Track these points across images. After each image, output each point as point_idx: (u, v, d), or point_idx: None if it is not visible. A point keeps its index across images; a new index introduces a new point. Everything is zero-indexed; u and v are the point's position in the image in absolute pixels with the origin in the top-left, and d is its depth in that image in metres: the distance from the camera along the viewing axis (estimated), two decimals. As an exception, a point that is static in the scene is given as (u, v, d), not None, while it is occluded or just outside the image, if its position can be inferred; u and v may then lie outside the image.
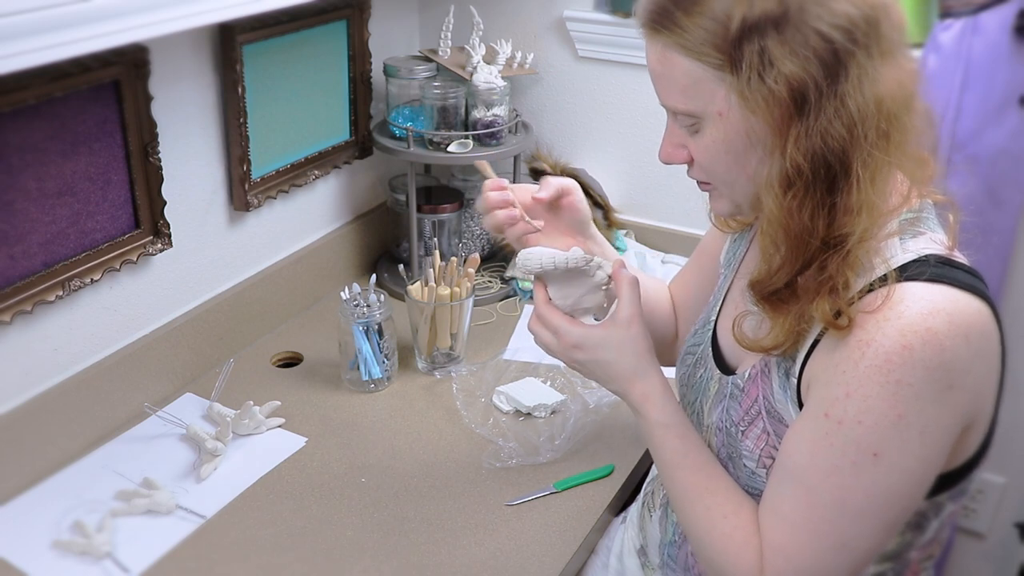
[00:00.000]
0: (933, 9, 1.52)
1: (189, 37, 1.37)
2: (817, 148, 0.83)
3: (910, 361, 0.80)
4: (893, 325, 0.81)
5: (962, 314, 0.82)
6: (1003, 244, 1.56)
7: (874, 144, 0.83)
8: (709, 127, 0.88)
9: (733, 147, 0.88)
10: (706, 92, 0.86)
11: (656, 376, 1.01)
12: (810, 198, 0.84)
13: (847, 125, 0.82)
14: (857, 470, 0.83)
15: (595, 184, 1.84)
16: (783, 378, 0.93)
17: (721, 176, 0.93)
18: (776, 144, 0.85)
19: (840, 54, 0.81)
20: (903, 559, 0.96)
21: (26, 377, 1.26)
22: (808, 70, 0.81)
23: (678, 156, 0.94)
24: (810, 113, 0.82)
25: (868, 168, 0.83)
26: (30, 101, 1.14)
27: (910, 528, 0.93)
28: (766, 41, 0.81)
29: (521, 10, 1.85)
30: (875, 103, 0.82)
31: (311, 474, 1.30)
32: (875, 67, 0.82)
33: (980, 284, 0.86)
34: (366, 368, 1.46)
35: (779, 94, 0.82)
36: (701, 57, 0.84)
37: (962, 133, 1.48)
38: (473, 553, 1.17)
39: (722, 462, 1.01)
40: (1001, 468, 1.75)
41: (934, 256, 0.85)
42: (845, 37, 0.81)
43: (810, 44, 0.81)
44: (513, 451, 1.33)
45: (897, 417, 0.81)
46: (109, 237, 1.31)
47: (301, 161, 1.63)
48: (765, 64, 0.81)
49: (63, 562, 1.13)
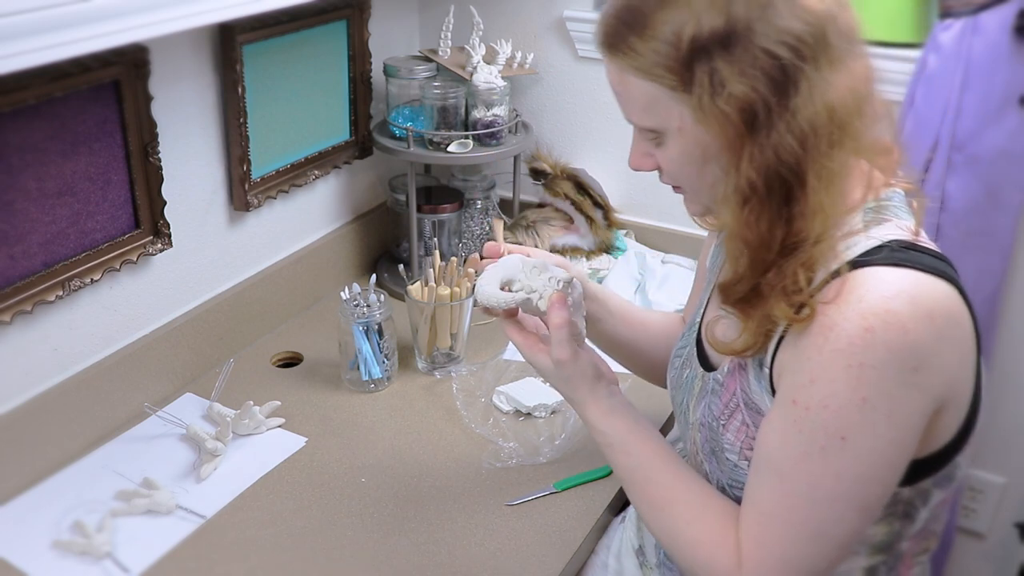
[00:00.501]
0: (933, 9, 1.52)
1: (189, 37, 1.37)
2: (771, 164, 0.85)
3: (872, 343, 0.80)
4: (854, 309, 0.82)
5: (925, 296, 0.82)
6: (1003, 244, 1.56)
7: (826, 153, 0.84)
8: (671, 140, 0.92)
9: (694, 159, 0.91)
10: (664, 110, 0.89)
11: (592, 403, 1.04)
12: (767, 211, 0.86)
13: (799, 139, 0.84)
14: (826, 455, 0.84)
15: (595, 184, 1.84)
16: (757, 369, 0.94)
17: (686, 182, 0.96)
18: (731, 161, 0.87)
19: (789, 70, 0.83)
20: (895, 551, 0.96)
21: (26, 377, 1.26)
22: (757, 89, 0.83)
23: (646, 164, 0.97)
24: (761, 131, 0.84)
25: (823, 176, 0.85)
26: (30, 101, 1.14)
27: (898, 517, 0.93)
28: (715, 62, 0.83)
29: (521, 10, 1.85)
30: (827, 113, 0.84)
31: (311, 474, 1.30)
32: (825, 77, 0.84)
33: (946, 267, 0.87)
34: (366, 368, 1.46)
35: (730, 115, 0.84)
36: (656, 79, 0.87)
37: (962, 133, 1.48)
38: (473, 553, 1.17)
39: (706, 457, 1.02)
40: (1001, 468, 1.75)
41: (897, 241, 0.87)
42: (792, 54, 0.82)
43: (758, 63, 0.82)
44: (513, 451, 1.33)
45: (861, 400, 0.82)
46: (109, 237, 1.31)
47: (301, 161, 1.63)
48: (715, 85, 0.84)
49: (63, 562, 1.13)
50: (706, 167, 0.90)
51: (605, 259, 1.81)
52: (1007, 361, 1.68)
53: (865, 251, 0.86)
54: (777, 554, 0.88)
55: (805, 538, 0.87)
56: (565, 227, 1.81)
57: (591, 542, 1.24)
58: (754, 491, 0.91)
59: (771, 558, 0.89)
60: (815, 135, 0.84)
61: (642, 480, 1.01)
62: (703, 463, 1.03)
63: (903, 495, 0.91)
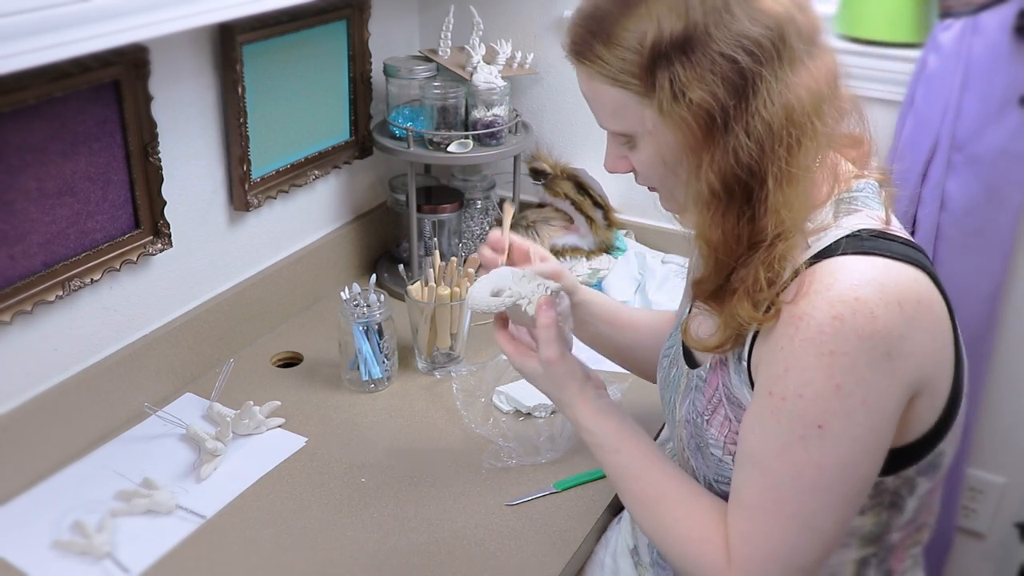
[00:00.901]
0: (933, 9, 1.52)
1: (189, 37, 1.37)
2: (730, 167, 0.86)
3: (842, 331, 0.81)
4: (823, 297, 0.83)
5: (894, 282, 0.83)
6: (1003, 244, 1.56)
7: (784, 155, 0.86)
8: (642, 143, 0.94)
9: (664, 161, 0.93)
10: (632, 115, 0.91)
11: (580, 405, 1.06)
12: (729, 213, 0.88)
13: (757, 141, 0.85)
14: (806, 444, 0.85)
15: (595, 184, 1.83)
16: (736, 363, 0.95)
17: (659, 184, 0.98)
18: (694, 163, 0.89)
19: (747, 74, 0.84)
20: (885, 542, 0.96)
21: (26, 377, 1.26)
22: (716, 95, 0.84)
23: (621, 166, 0.99)
24: (720, 135, 0.86)
25: (781, 177, 0.86)
26: (30, 101, 1.14)
27: (885, 508, 0.93)
28: (674, 67, 0.85)
29: (521, 10, 1.85)
30: (784, 114, 0.85)
31: (311, 474, 1.30)
32: (783, 79, 0.85)
33: (917, 254, 0.88)
34: (366, 368, 1.46)
35: (689, 120, 0.86)
36: (623, 85, 0.89)
37: (962, 133, 1.48)
38: (473, 553, 1.17)
39: (692, 453, 1.03)
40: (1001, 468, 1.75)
41: (867, 230, 0.88)
42: (750, 58, 0.84)
43: (717, 68, 0.84)
44: (513, 451, 1.33)
45: (835, 388, 0.82)
46: (109, 237, 1.31)
47: (301, 161, 1.63)
48: (676, 91, 0.86)
49: (63, 562, 1.13)
50: (676, 168, 0.92)
51: (605, 259, 1.81)
52: (1007, 361, 1.68)
53: (833, 241, 0.87)
54: (765, 548, 0.89)
55: (791, 530, 0.88)
56: (565, 227, 1.81)
57: (591, 542, 1.24)
58: (739, 486, 0.92)
59: (759, 552, 0.89)
60: (772, 137, 0.85)
61: (631, 478, 1.02)
62: (689, 459, 1.04)
63: (888, 484, 0.92)
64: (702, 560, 0.93)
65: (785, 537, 0.88)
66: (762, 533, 0.89)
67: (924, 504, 0.96)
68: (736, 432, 0.95)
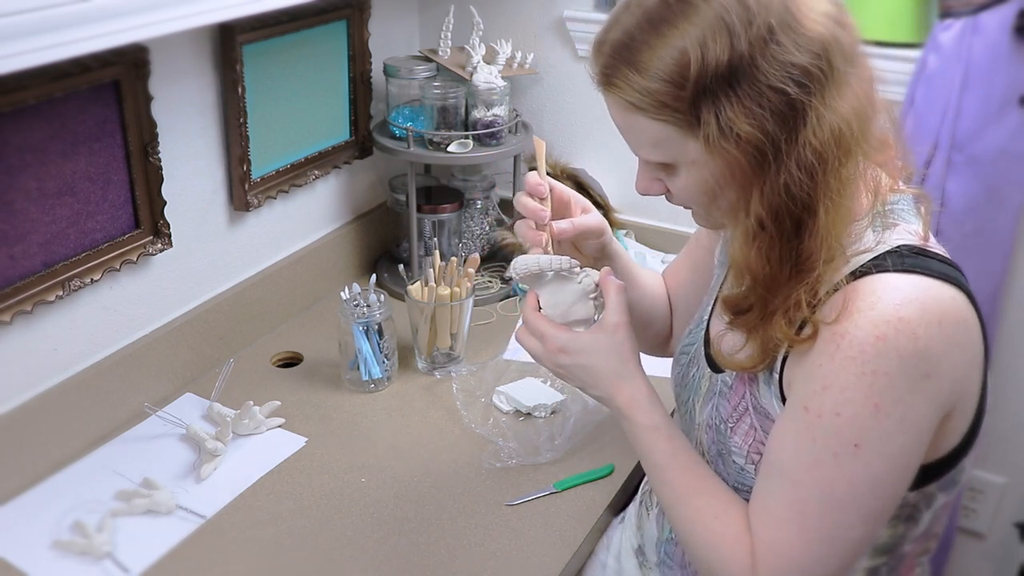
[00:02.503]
0: (933, 9, 1.52)
1: (189, 37, 1.37)
2: (781, 200, 0.84)
3: (884, 351, 0.80)
4: (866, 316, 0.82)
5: (935, 302, 0.82)
6: (1003, 244, 1.56)
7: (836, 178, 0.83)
8: (683, 172, 0.90)
9: (707, 189, 0.89)
10: (675, 147, 0.87)
11: (642, 380, 1.00)
12: (776, 245, 0.86)
13: (808, 171, 0.82)
14: (839, 461, 0.84)
15: (595, 184, 1.84)
16: (767, 375, 0.94)
17: (698, 208, 0.95)
18: (741, 197, 0.86)
19: (796, 104, 0.81)
20: (897, 553, 0.96)
21: (26, 377, 1.26)
22: (764, 128, 0.81)
23: (655, 188, 0.95)
24: (770, 169, 0.83)
25: (832, 203, 0.84)
26: (30, 101, 1.14)
27: (902, 521, 0.93)
28: (720, 102, 0.81)
29: (521, 10, 1.85)
30: (834, 140, 0.82)
31: (311, 474, 1.30)
32: (832, 103, 0.82)
33: (955, 272, 0.87)
34: (366, 368, 1.46)
35: (738, 156, 0.83)
36: (663, 118, 0.85)
37: (962, 133, 1.48)
38: (473, 553, 1.17)
39: (712, 459, 1.01)
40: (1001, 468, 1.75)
41: (906, 247, 0.86)
42: (800, 89, 0.81)
43: (765, 100, 0.81)
44: (513, 451, 1.33)
45: (874, 407, 0.82)
46: (109, 237, 1.31)
47: (301, 161, 1.63)
48: (723, 126, 0.82)
49: (63, 562, 1.13)
50: (719, 196, 0.89)
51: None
52: (1007, 361, 1.68)
53: (874, 257, 0.86)
54: (790, 558, 0.88)
55: (817, 543, 0.87)
56: (565, 227, 1.81)
57: (591, 542, 1.24)
58: (765, 497, 0.91)
59: (784, 562, 0.89)
60: (823, 164, 0.82)
61: (679, 467, 0.98)
62: (709, 465, 1.03)
63: (909, 499, 0.91)
64: (731, 561, 0.92)
65: (810, 549, 0.87)
66: (788, 544, 0.88)
67: (937, 516, 0.96)
68: (761, 442, 0.94)
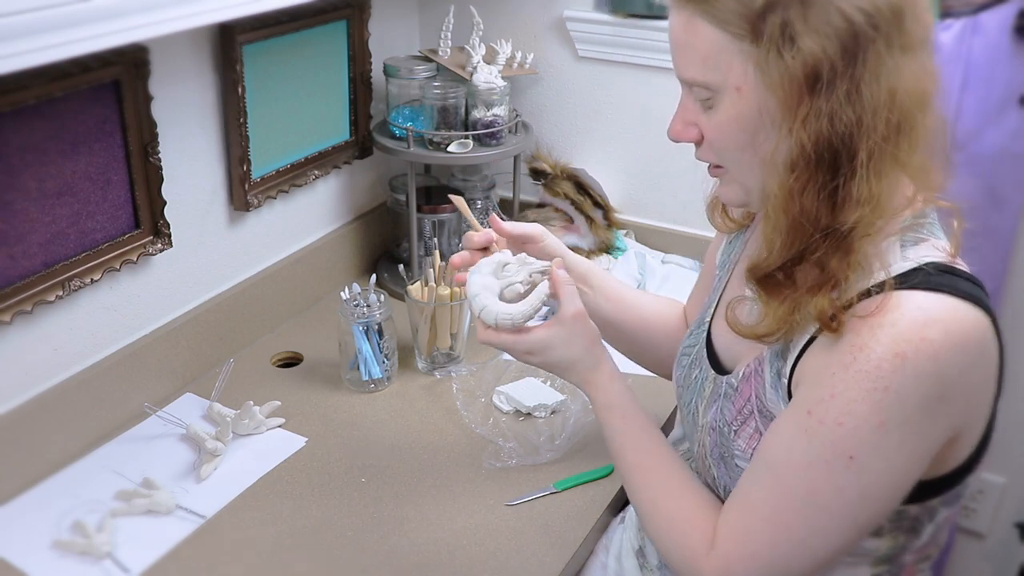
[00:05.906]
0: (933, 9, 1.52)
1: (189, 37, 1.37)
2: (824, 130, 0.82)
3: (901, 369, 0.80)
4: (887, 332, 0.81)
5: (959, 324, 0.81)
6: (1003, 244, 1.56)
7: (883, 136, 0.82)
8: (724, 102, 0.88)
9: (747, 125, 0.87)
10: (726, 63, 0.86)
11: (602, 363, 1.05)
12: (812, 181, 0.84)
13: (857, 112, 0.82)
14: (830, 469, 0.84)
15: (595, 184, 1.84)
16: (775, 378, 0.93)
17: (731, 156, 0.92)
18: (785, 122, 0.84)
19: (860, 38, 0.81)
20: (898, 562, 0.96)
21: (26, 377, 1.26)
22: (826, 49, 0.81)
23: (688, 134, 0.93)
24: (821, 93, 0.82)
25: (874, 159, 0.83)
26: (30, 101, 1.14)
27: (904, 532, 0.93)
28: (789, 14, 0.81)
29: (521, 10, 1.85)
30: (888, 95, 0.82)
31: (311, 474, 1.30)
32: (894, 59, 0.82)
33: (980, 293, 0.85)
34: (366, 368, 1.46)
35: (794, 70, 0.82)
36: (726, 26, 0.84)
37: (962, 133, 1.48)
38: (473, 553, 1.17)
39: (714, 462, 1.01)
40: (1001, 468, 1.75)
41: (934, 264, 0.85)
42: (867, 21, 0.80)
43: (832, 23, 0.80)
44: (513, 451, 1.33)
45: (879, 423, 0.81)
46: (109, 237, 1.31)
47: (301, 161, 1.63)
48: (785, 38, 0.81)
49: (63, 562, 1.13)
50: (758, 133, 0.87)
51: (605, 259, 1.81)
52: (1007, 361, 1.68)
53: (902, 272, 0.84)
54: (752, 549, 0.89)
55: (786, 542, 0.87)
56: (565, 227, 1.82)
57: (591, 542, 1.24)
58: (748, 486, 0.91)
59: (744, 551, 0.89)
60: (874, 113, 0.81)
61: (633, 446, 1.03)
62: (711, 467, 1.02)
63: (911, 512, 0.91)
64: (684, 540, 0.94)
65: (777, 546, 0.88)
66: (755, 534, 0.88)
67: (940, 528, 0.96)
68: None
